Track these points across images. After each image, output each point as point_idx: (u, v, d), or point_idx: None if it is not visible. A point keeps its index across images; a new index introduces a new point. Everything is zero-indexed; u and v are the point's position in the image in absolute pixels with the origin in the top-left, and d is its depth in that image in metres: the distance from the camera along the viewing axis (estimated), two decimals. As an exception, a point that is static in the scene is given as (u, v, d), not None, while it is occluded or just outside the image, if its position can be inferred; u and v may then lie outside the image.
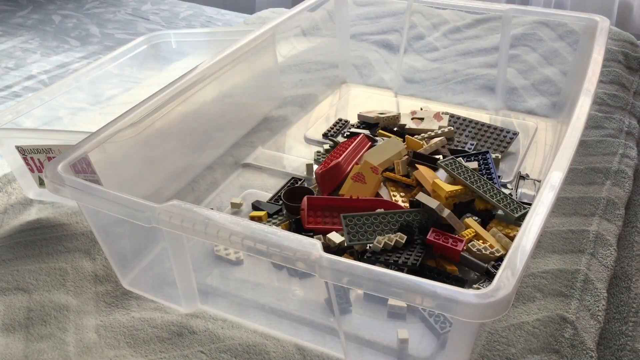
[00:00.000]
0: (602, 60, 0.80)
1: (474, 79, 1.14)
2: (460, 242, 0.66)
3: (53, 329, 0.64)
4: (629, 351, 0.64)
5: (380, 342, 0.62)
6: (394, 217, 0.70)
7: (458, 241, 0.67)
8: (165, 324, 0.64)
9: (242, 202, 0.83)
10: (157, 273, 0.72)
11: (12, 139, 0.79)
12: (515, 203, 0.73)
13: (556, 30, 1.24)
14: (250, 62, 0.99)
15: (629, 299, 0.70)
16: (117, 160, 0.73)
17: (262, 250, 0.52)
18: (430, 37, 1.31)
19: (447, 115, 0.97)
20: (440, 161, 0.79)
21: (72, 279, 0.71)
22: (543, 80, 1.11)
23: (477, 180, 0.75)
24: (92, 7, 1.94)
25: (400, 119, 0.97)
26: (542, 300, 0.66)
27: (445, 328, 0.61)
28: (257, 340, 0.62)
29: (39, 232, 0.78)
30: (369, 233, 0.68)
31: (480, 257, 0.67)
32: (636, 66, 1.16)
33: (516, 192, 0.82)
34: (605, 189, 0.83)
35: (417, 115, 0.98)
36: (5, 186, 0.88)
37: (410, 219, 0.70)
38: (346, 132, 0.97)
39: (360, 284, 0.49)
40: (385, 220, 0.69)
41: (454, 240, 0.67)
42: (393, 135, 0.92)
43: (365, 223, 0.68)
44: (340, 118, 1.02)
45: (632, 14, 2.31)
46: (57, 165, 0.63)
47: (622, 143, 0.92)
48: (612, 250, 0.73)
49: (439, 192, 0.73)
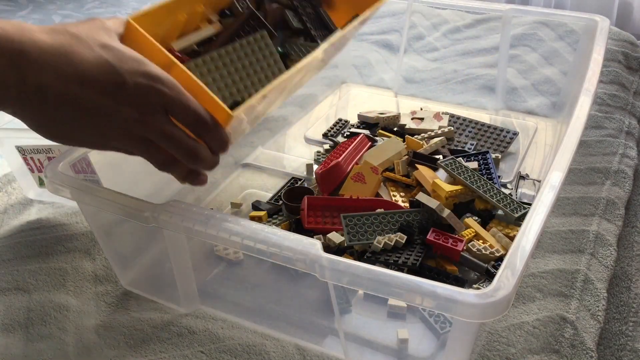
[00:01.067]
0: (602, 60, 0.80)
1: (474, 79, 1.14)
2: (460, 242, 0.66)
3: (53, 329, 0.64)
4: (629, 351, 0.64)
5: (380, 342, 0.62)
6: (394, 217, 0.70)
7: (458, 241, 0.67)
8: (165, 324, 0.64)
9: (242, 202, 0.83)
10: (157, 273, 0.72)
11: (12, 139, 0.79)
12: (515, 203, 0.73)
13: (556, 30, 1.24)
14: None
15: (629, 299, 0.70)
16: (117, 160, 0.73)
17: (262, 250, 0.52)
18: (430, 37, 1.31)
19: (447, 115, 0.97)
20: (440, 161, 0.79)
21: (72, 279, 0.71)
22: (543, 80, 1.11)
23: (477, 180, 0.75)
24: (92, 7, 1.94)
25: (400, 119, 0.97)
26: (542, 300, 0.66)
27: (445, 328, 0.61)
28: (257, 340, 0.62)
29: (39, 232, 0.78)
30: (368, 233, 0.68)
31: (481, 257, 0.67)
32: (636, 66, 1.16)
33: (516, 192, 0.82)
34: (605, 189, 0.83)
35: (417, 115, 0.98)
36: (5, 186, 0.88)
37: (410, 219, 0.70)
38: (346, 132, 0.97)
39: (360, 284, 0.49)
40: (385, 220, 0.69)
41: (454, 240, 0.67)
42: (393, 135, 0.92)
43: (365, 223, 0.68)
44: (340, 118, 1.02)
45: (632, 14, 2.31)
46: (57, 165, 0.63)
47: (622, 143, 0.92)
48: (612, 250, 0.73)
49: (439, 192, 0.73)
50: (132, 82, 0.47)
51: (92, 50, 0.47)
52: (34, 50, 0.45)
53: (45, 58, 0.45)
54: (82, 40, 0.47)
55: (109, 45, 0.48)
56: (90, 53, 0.47)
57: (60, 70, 0.46)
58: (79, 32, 0.48)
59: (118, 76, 0.47)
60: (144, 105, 0.48)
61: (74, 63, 0.46)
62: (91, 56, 0.47)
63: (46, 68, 0.45)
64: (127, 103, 0.48)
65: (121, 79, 0.47)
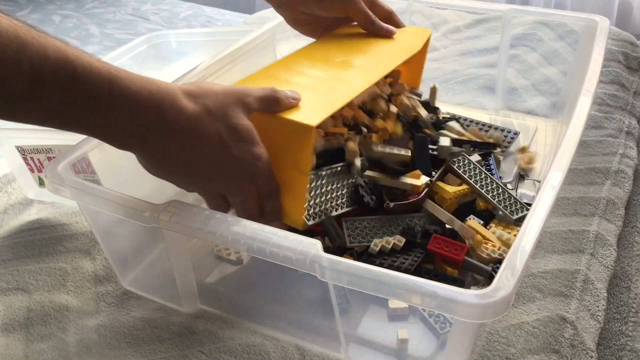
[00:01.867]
0: (602, 61, 0.80)
1: (474, 79, 1.14)
2: (462, 250, 0.66)
3: (53, 329, 0.64)
4: (629, 351, 0.64)
5: (380, 342, 0.62)
6: (397, 220, 0.69)
7: (460, 248, 0.67)
8: (165, 324, 0.64)
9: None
10: (157, 273, 0.72)
11: (12, 139, 0.79)
12: (519, 204, 0.73)
13: (556, 30, 1.24)
14: (250, 62, 0.99)
15: (629, 299, 0.70)
16: (117, 160, 0.72)
17: (262, 250, 0.52)
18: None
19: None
20: (449, 160, 0.78)
21: (72, 279, 0.71)
22: (543, 80, 1.11)
23: (482, 179, 0.75)
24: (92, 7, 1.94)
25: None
26: (542, 300, 0.66)
27: (445, 328, 0.61)
28: (257, 340, 0.62)
29: (39, 232, 0.78)
30: (369, 236, 0.68)
31: (488, 260, 0.67)
32: (636, 66, 1.16)
33: (516, 192, 0.82)
34: (605, 189, 0.83)
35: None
36: (5, 186, 0.88)
37: (412, 223, 0.69)
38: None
39: (360, 284, 0.49)
40: (387, 224, 0.69)
41: (456, 248, 0.67)
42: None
43: (367, 227, 0.68)
44: (340, 118, 1.02)
45: (632, 14, 2.31)
46: (57, 165, 0.63)
47: (622, 143, 0.92)
48: (612, 250, 0.73)
49: (442, 194, 0.73)
50: (237, 154, 0.57)
51: (216, 129, 0.56)
52: (172, 115, 0.55)
53: (179, 125, 0.55)
54: (213, 115, 0.56)
55: (234, 126, 0.57)
56: (214, 131, 0.56)
57: (183, 140, 0.55)
58: (215, 106, 0.56)
59: (227, 155, 0.57)
60: (239, 172, 0.58)
61: (198, 135, 0.55)
62: (214, 133, 0.56)
63: (176, 132, 0.55)
64: (229, 170, 0.58)
65: (228, 157, 0.57)
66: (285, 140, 0.62)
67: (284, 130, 0.61)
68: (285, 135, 0.61)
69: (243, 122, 0.58)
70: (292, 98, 0.62)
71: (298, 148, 0.61)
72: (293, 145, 0.61)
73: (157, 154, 0.56)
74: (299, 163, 0.61)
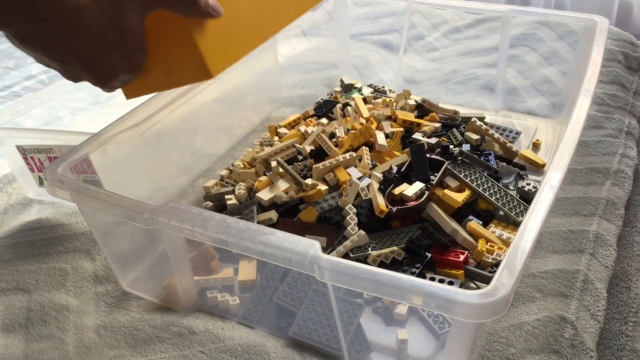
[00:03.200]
0: (601, 61, 0.80)
1: (473, 79, 1.14)
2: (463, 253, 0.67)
3: (53, 329, 0.64)
4: (629, 351, 0.64)
5: (380, 342, 0.62)
6: (400, 234, 0.70)
7: (460, 254, 0.67)
8: (165, 324, 0.64)
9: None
10: (157, 274, 0.72)
11: (12, 139, 0.79)
12: (522, 205, 0.73)
13: (556, 30, 1.24)
14: (251, 62, 0.99)
15: (629, 299, 0.70)
16: (118, 161, 0.73)
17: (262, 250, 0.52)
18: (430, 37, 1.31)
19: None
20: (448, 163, 0.78)
21: (72, 279, 0.71)
22: (543, 81, 1.11)
23: (483, 182, 0.75)
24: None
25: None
26: (542, 300, 0.66)
27: (444, 328, 0.61)
28: (257, 340, 0.62)
29: (39, 232, 0.78)
30: (371, 247, 0.68)
31: (493, 264, 0.67)
32: (636, 66, 1.16)
33: (516, 192, 0.82)
34: (605, 189, 0.83)
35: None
36: (5, 186, 0.88)
37: (415, 237, 0.70)
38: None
39: (359, 284, 0.49)
40: (392, 237, 0.70)
41: (456, 254, 0.67)
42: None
43: (370, 244, 0.69)
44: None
45: (632, 14, 2.31)
46: (57, 168, 0.63)
47: (622, 143, 0.92)
48: (612, 250, 0.73)
49: (450, 202, 0.73)
50: (115, 60, 0.49)
51: (102, 27, 0.47)
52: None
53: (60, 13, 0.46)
54: (102, 9, 0.47)
55: (121, 30, 0.48)
56: (98, 29, 0.47)
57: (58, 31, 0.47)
58: None
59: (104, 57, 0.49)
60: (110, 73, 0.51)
61: (75, 28, 0.47)
62: (96, 30, 0.47)
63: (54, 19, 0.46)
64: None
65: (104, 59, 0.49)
66: (178, 58, 0.52)
67: (181, 49, 0.51)
68: (180, 54, 0.51)
69: (134, 26, 0.49)
70: (211, 8, 0.49)
71: (183, 73, 0.52)
72: (182, 67, 0.52)
73: (28, 35, 0.48)
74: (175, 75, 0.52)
